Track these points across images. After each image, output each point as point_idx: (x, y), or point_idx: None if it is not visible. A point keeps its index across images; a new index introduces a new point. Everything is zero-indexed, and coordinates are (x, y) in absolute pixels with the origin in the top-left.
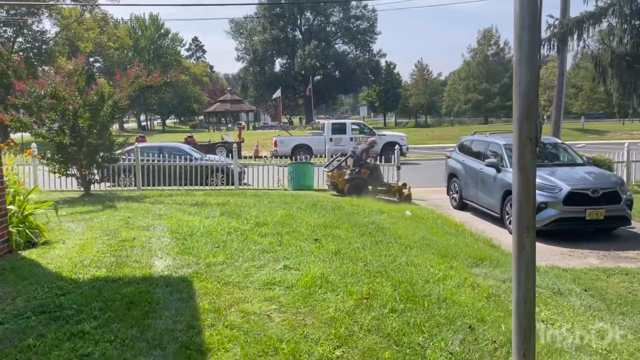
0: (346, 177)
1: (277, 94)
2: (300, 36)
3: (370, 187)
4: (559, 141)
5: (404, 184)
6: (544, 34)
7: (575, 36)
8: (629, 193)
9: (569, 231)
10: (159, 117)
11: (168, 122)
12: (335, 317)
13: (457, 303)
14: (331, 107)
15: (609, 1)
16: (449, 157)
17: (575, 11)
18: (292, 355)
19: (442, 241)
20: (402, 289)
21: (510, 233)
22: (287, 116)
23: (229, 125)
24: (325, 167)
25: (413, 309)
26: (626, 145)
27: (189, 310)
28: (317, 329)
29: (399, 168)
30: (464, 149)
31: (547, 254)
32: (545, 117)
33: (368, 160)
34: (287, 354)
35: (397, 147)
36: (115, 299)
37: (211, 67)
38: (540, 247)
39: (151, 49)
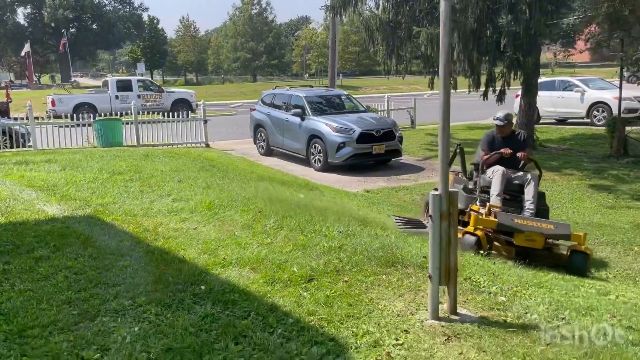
0: None
1: (27, 48)
2: None
3: None
4: (345, 92)
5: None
6: (326, 2)
7: (352, 4)
8: (399, 132)
9: (359, 165)
10: None
11: None
12: (248, 224)
13: (321, 207)
14: (89, 63)
15: None
16: (253, 110)
17: None
18: (238, 245)
19: (278, 176)
20: (280, 204)
21: (316, 170)
22: (36, 74)
23: None
24: None
25: (300, 213)
26: (386, 97)
27: (123, 234)
28: (241, 231)
29: (205, 122)
30: (266, 102)
31: (351, 183)
32: (307, 75)
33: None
34: (235, 245)
35: (201, 102)
36: (43, 234)
37: None
38: (343, 178)
39: None
